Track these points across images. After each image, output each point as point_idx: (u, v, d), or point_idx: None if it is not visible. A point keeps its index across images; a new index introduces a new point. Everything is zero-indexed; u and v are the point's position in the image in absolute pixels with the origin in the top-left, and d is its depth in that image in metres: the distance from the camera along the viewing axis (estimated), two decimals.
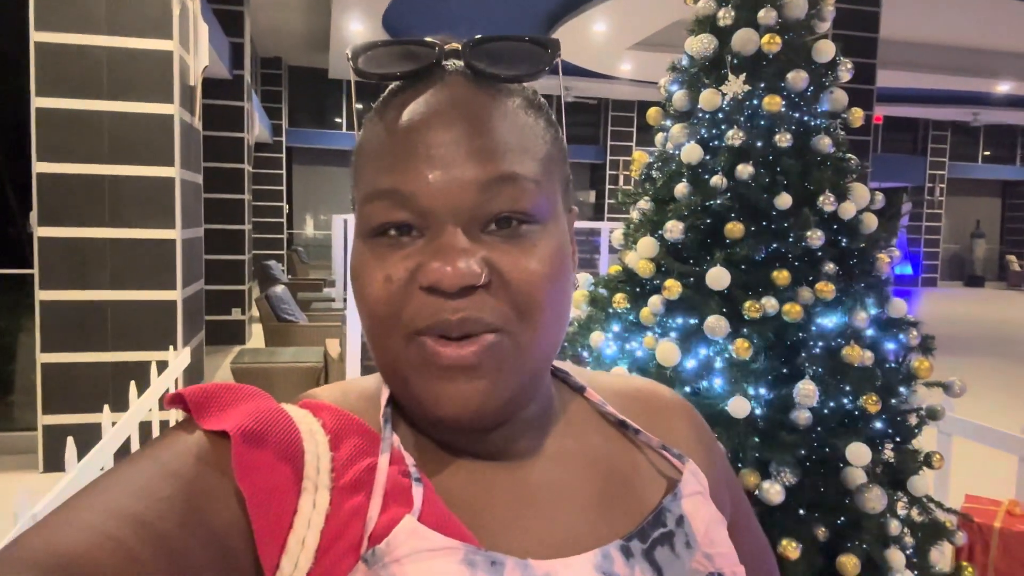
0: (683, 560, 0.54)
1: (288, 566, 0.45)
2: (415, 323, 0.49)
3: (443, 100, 0.51)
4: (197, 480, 0.44)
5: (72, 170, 3.85)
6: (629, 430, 0.61)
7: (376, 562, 0.45)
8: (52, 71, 3.77)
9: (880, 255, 2.01)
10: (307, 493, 0.47)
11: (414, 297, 0.48)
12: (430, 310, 0.48)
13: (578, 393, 0.63)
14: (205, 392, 0.49)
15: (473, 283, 0.47)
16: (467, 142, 0.49)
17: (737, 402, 1.77)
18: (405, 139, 0.50)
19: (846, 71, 2.07)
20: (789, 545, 1.73)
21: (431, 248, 0.48)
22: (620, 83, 14.70)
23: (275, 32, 12.98)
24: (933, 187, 19.91)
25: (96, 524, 0.39)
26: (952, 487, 2.80)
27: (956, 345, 9.92)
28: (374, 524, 0.47)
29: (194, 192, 4.65)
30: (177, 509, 0.42)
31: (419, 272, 0.48)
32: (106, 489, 0.42)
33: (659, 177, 2.13)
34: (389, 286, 0.49)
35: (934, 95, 15.77)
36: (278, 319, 6.81)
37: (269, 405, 0.50)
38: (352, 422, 0.52)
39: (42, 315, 3.90)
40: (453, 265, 0.47)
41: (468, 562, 0.46)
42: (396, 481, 0.49)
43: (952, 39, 12.19)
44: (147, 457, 0.45)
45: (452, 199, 0.48)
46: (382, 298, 0.49)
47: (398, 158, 0.50)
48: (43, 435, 4.00)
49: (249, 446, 0.45)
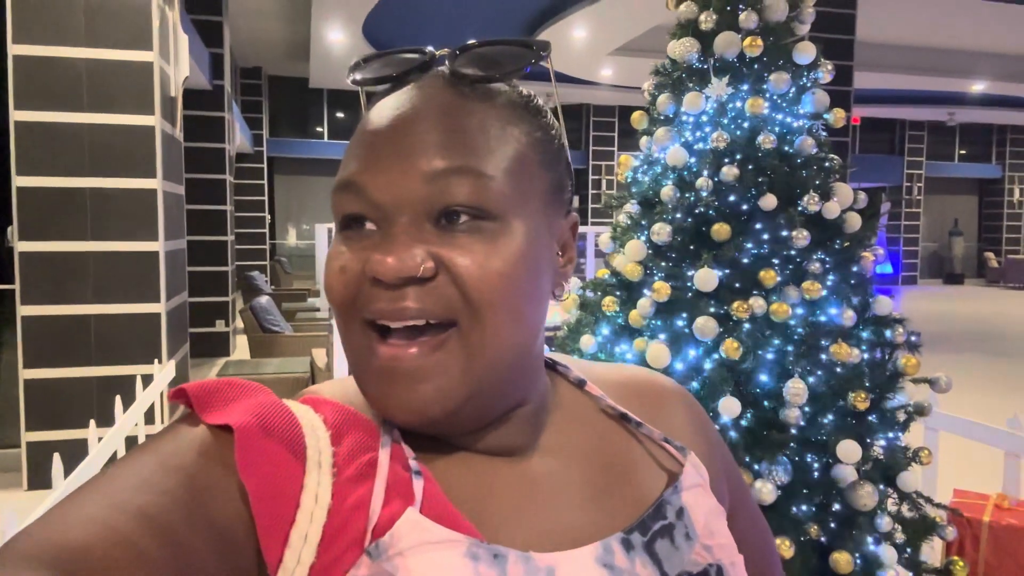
0: (683, 552, 0.54)
1: (291, 560, 0.45)
2: (364, 312, 0.50)
3: (412, 99, 0.52)
4: (200, 474, 0.44)
5: (53, 183, 3.80)
6: (631, 423, 0.62)
7: (380, 555, 0.46)
8: (31, 84, 3.73)
9: (864, 253, 2.03)
10: (309, 487, 0.47)
11: (366, 288, 0.49)
12: (375, 299, 0.49)
13: (578, 388, 0.64)
14: (207, 387, 0.49)
15: (412, 275, 0.48)
16: (423, 137, 0.50)
17: (727, 402, 1.78)
18: (370, 135, 0.51)
19: (827, 72, 2.09)
20: (783, 544, 1.74)
21: (381, 241, 0.49)
22: (601, 88, 14.76)
23: (255, 42, 12.92)
24: (911, 186, 20.14)
25: (100, 517, 0.39)
26: (940, 482, 2.83)
27: (939, 342, 10.02)
28: (377, 517, 0.47)
29: (177, 203, 4.61)
30: (180, 502, 0.42)
31: (367, 264, 0.49)
32: (110, 483, 0.42)
33: (645, 180, 2.14)
34: (343, 276, 0.50)
35: (910, 96, 15.97)
36: (263, 330, 6.77)
37: (271, 400, 0.50)
38: (353, 417, 0.52)
39: (24, 330, 3.85)
40: (394, 256, 0.47)
41: (471, 555, 0.47)
42: (397, 475, 0.50)
43: (927, 40, 12.37)
44: (150, 451, 0.45)
45: (400, 191, 0.49)
46: (336, 288, 0.50)
47: (360, 152, 0.51)
48: (27, 452, 3.94)
49: (252, 440, 0.46)
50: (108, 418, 2.71)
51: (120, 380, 3.91)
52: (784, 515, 1.81)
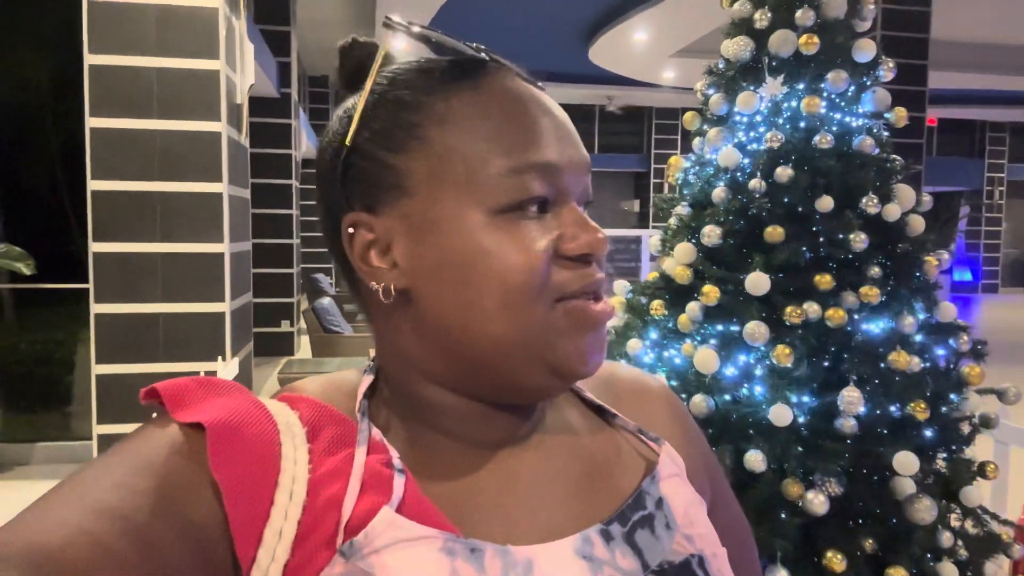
0: (663, 542, 0.54)
1: (265, 558, 0.45)
2: (563, 289, 0.51)
3: (530, 89, 0.54)
4: (173, 473, 0.44)
5: (124, 187, 3.96)
6: (607, 415, 0.62)
7: (354, 554, 0.45)
8: (105, 92, 3.90)
9: (928, 258, 1.94)
10: (284, 484, 0.47)
11: (560, 265, 0.51)
12: (581, 274, 0.51)
13: None
14: (179, 386, 0.49)
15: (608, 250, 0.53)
16: (572, 127, 0.54)
17: (778, 410, 1.73)
18: (533, 117, 0.52)
19: (888, 70, 2.02)
20: (834, 557, 1.68)
21: (568, 220, 0.52)
22: (663, 91, 14.60)
23: (322, 51, 13.21)
24: (992, 190, 19.27)
25: (72, 519, 0.39)
26: (1010, 499, 2.69)
27: (1018, 353, 9.55)
28: (349, 515, 0.47)
29: (242, 207, 4.75)
30: (153, 502, 0.42)
31: (564, 242, 0.51)
32: (82, 484, 0.43)
33: (696, 182, 2.11)
34: (534, 258, 0.50)
35: (990, 96, 15.29)
36: (324, 330, 6.90)
37: (245, 398, 0.50)
38: (330, 413, 0.53)
39: (97, 327, 4.02)
40: (601, 234, 0.52)
41: (447, 550, 0.46)
42: (376, 471, 0.49)
43: (1006, 37, 11.82)
44: (123, 451, 0.46)
45: (581, 177, 0.54)
46: (529, 268, 0.50)
47: (536, 133, 0.51)
48: (98, 444, 4.11)
49: (224, 437, 0.46)
50: None
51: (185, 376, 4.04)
52: (838, 527, 1.75)
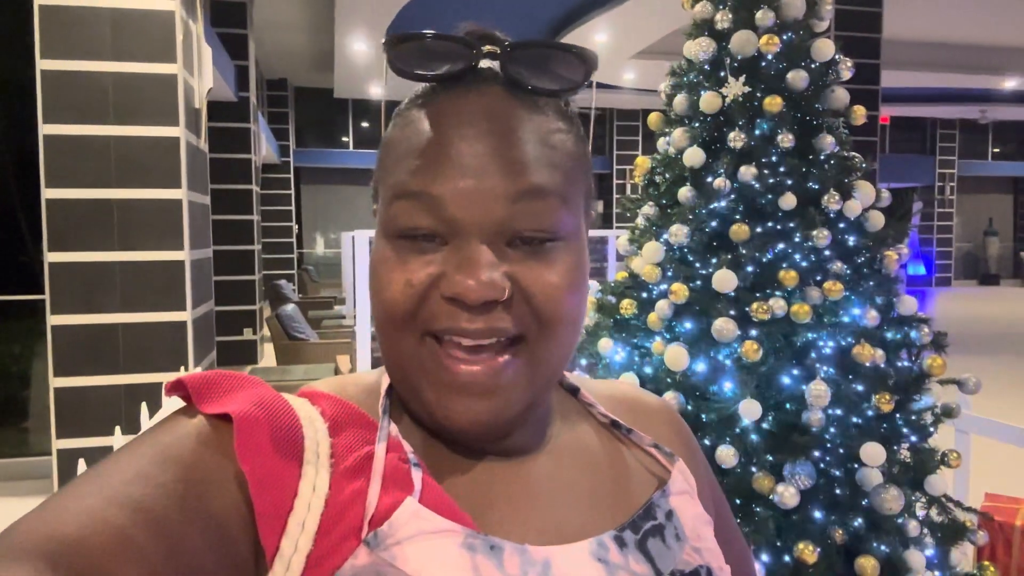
0: (674, 552, 0.55)
1: (288, 548, 0.45)
2: (430, 325, 0.49)
3: (479, 109, 0.51)
4: (197, 464, 0.44)
5: (80, 195, 3.87)
6: (621, 430, 0.63)
7: (378, 544, 0.46)
8: (58, 98, 3.80)
9: (888, 252, 1.99)
10: (307, 476, 0.47)
11: (433, 302, 0.49)
12: (449, 316, 0.48)
13: (571, 394, 0.65)
14: (205, 379, 0.49)
15: (497, 298, 0.48)
16: (499, 155, 0.49)
17: (748, 405, 1.75)
18: (438, 143, 0.49)
19: (846, 69, 2.05)
20: (806, 549, 1.70)
21: (456, 259, 0.48)
22: (624, 92, 14.71)
23: (280, 54, 13.08)
24: (943, 186, 19.79)
25: (94, 510, 0.40)
26: (972, 486, 2.76)
27: (973, 344, 9.81)
28: (374, 508, 0.47)
29: (202, 213, 4.67)
30: (176, 493, 0.42)
31: (442, 281, 0.48)
32: (105, 475, 0.43)
33: (662, 182, 2.12)
34: (409, 290, 0.49)
35: (940, 94, 15.70)
36: (289, 337, 6.82)
37: (269, 391, 0.50)
38: (351, 410, 0.53)
39: (54, 339, 3.91)
40: (478, 279, 0.47)
41: (468, 546, 0.47)
42: (395, 467, 0.50)
43: (956, 37, 12.15)
44: (147, 442, 0.46)
45: (480, 210, 0.48)
46: (400, 301, 0.49)
47: (429, 161, 0.49)
48: (57, 459, 4.00)
49: (251, 428, 0.46)
50: (134, 425, 2.75)
51: (147, 388, 3.96)
52: (808, 519, 1.78)
